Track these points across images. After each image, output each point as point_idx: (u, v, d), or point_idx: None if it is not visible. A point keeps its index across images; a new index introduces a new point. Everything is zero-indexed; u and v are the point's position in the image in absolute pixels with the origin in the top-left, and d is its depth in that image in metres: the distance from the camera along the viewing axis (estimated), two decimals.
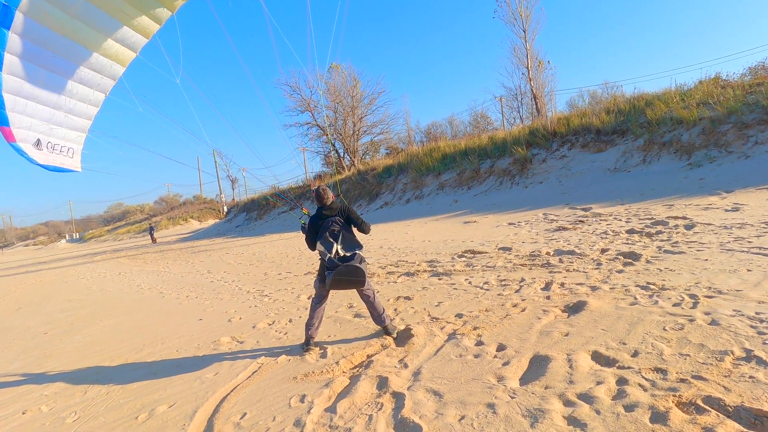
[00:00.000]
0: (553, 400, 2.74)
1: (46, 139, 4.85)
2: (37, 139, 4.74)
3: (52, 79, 4.72)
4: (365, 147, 36.88)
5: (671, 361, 2.98)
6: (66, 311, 9.26)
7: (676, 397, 2.53)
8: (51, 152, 4.93)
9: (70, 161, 5.17)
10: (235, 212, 41.70)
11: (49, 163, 4.87)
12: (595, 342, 3.50)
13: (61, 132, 5.05)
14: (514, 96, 34.12)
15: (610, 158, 15.35)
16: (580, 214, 10.72)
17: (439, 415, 2.78)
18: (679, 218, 7.97)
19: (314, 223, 4.40)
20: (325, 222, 4.32)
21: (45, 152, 4.84)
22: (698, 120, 13.66)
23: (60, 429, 3.56)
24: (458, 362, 3.57)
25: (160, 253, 23.21)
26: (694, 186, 10.69)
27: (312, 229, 4.42)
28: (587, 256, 6.55)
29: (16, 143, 4.49)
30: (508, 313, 4.58)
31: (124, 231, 61.95)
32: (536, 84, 23.96)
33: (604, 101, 21.11)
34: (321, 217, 4.38)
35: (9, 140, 4.44)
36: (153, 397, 3.88)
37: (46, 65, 4.58)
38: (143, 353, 5.31)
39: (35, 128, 4.70)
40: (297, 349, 4.53)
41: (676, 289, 4.43)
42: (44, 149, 4.83)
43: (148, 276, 13.49)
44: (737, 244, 5.71)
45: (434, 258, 8.45)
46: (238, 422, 3.15)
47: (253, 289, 8.49)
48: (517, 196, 15.87)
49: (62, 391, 4.42)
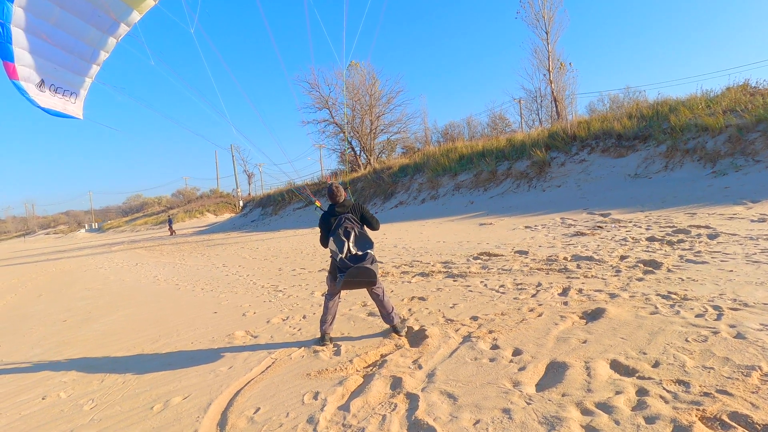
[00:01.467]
0: (570, 407, 2.69)
1: (50, 80, 4.55)
2: (41, 80, 4.46)
3: (64, 18, 4.40)
4: (381, 146, 36.89)
5: (694, 373, 2.90)
6: (84, 300, 9.45)
7: (700, 411, 2.46)
8: (53, 95, 4.64)
9: (72, 107, 4.88)
10: (251, 207, 42.11)
11: (50, 106, 4.58)
12: (614, 350, 3.42)
13: (68, 75, 4.77)
14: (533, 98, 33.76)
15: (631, 164, 15.08)
16: (599, 219, 10.54)
17: (454, 419, 2.75)
18: (702, 227, 7.78)
19: (326, 221, 4.39)
20: (338, 219, 4.30)
21: (47, 94, 4.55)
22: (724, 127, 13.33)
23: (78, 415, 3.62)
24: (473, 365, 3.53)
25: (176, 245, 23.55)
26: (718, 195, 10.43)
27: (324, 227, 4.41)
28: (606, 262, 6.43)
29: (18, 81, 4.24)
30: (524, 317, 4.52)
31: (141, 222, 63.08)
32: (557, 86, 23.65)
33: (626, 106, 20.76)
34: (333, 214, 4.37)
35: (12, 77, 4.19)
36: (168, 388, 3.93)
37: (59, 2, 4.27)
38: (159, 344, 5.38)
39: (41, 68, 4.40)
40: (311, 345, 4.54)
41: (699, 299, 4.32)
42: (47, 91, 4.54)
43: (164, 268, 13.69)
44: (764, 256, 5.54)
45: (449, 259, 8.40)
46: (252, 417, 3.16)
47: (267, 284, 8.54)
48: (535, 199, 15.69)
49: (80, 378, 4.51)
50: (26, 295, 11.40)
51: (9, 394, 4.33)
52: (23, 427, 3.55)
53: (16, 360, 5.54)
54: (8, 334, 7.18)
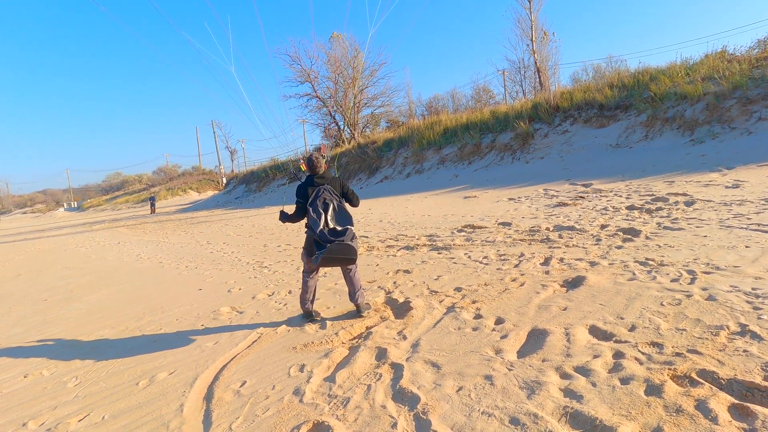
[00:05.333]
0: (550, 372, 2.77)
1: None
2: None
3: None
4: (366, 120, 36.46)
5: (667, 335, 3.01)
6: (65, 279, 9.31)
7: (671, 370, 2.56)
8: None
9: None
10: (235, 184, 41.58)
11: None
12: (593, 316, 3.52)
13: None
14: (517, 69, 33.54)
15: (612, 134, 15.20)
16: (581, 189, 10.68)
17: (437, 386, 2.82)
18: (680, 195, 7.94)
19: (304, 191, 4.20)
20: (316, 190, 4.12)
21: None
22: (702, 95, 13.47)
23: (61, 393, 3.61)
24: (457, 335, 3.61)
25: (158, 223, 23.22)
26: (695, 162, 10.62)
27: (301, 197, 4.22)
28: (587, 231, 6.55)
29: None
30: (507, 287, 4.61)
31: (122, 201, 61.91)
32: (540, 57, 23.46)
33: (608, 76, 20.75)
34: (312, 185, 4.18)
35: None
36: (153, 364, 3.93)
37: None
38: (143, 321, 5.35)
39: None
40: (297, 320, 4.57)
41: (675, 265, 4.44)
42: None
43: (147, 246, 13.52)
44: (736, 221, 5.70)
45: (434, 232, 8.46)
46: (238, 390, 3.19)
47: (252, 260, 8.52)
48: (518, 171, 15.78)
49: (63, 356, 4.47)
50: (3, 275, 11.18)
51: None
52: (5, 404, 3.53)
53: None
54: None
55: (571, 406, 2.38)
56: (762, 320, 3.01)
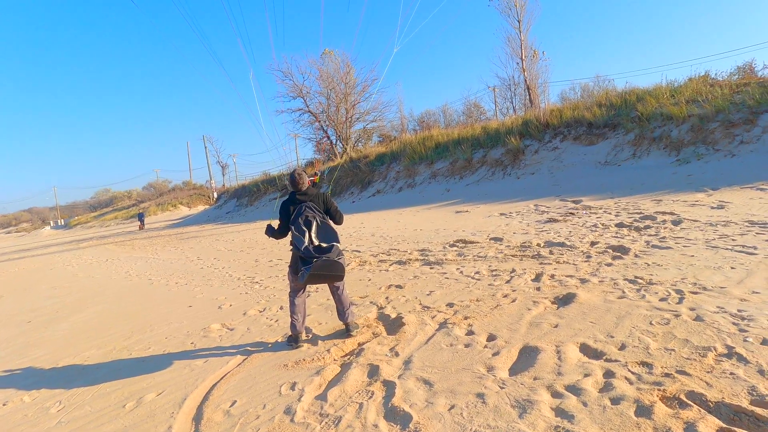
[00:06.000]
0: (541, 391, 2.78)
1: None
2: None
3: None
4: (358, 134, 36.68)
5: (657, 355, 3.03)
6: (51, 299, 9.16)
7: (661, 391, 2.58)
8: None
9: None
10: (226, 198, 41.42)
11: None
12: (584, 334, 3.54)
13: None
14: (507, 86, 33.99)
15: (601, 151, 15.44)
16: (571, 206, 10.79)
17: (430, 404, 2.81)
18: (667, 213, 8.06)
19: (286, 208, 4.15)
20: (298, 207, 4.06)
21: None
22: (687, 117, 13.79)
23: (43, 419, 3.50)
24: (449, 351, 3.61)
25: (148, 239, 23.00)
26: (682, 182, 10.80)
27: (284, 215, 4.17)
28: (577, 248, 6.61)
29: None
30: (498, 303, 4.62)
31: (111, 217, 61.07)
32: (530, 75, 23.89)
33: (596, 94, 21.18)
34: (294, 202, 4.13)
35: None
36: (141, 384, 3.87)
37: None
38: (132, 340, 5.28)
39: None
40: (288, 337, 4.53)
41: (663, 284, 4.50)
42: None
43: (136, 262, 13.37)
44: (722, 242, 5.79)
45: (426, 247, 8.48)
46: (228, 410, 3.15)
47: (243, 275, 8.46)
48: (509, 186, 15.92)
49: (46, 380, 4.36)
50: None
51: None
52: None
53: None
54: None
55: (562, 426, 2.39)
56: (748, 343, 3.05)
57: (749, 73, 16.27)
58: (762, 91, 12.99)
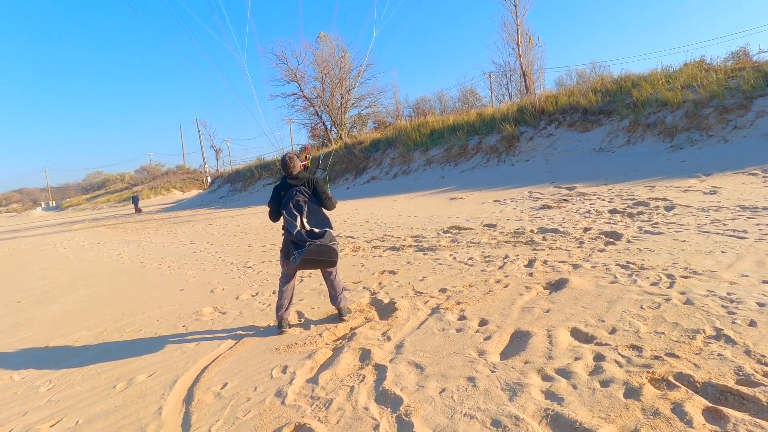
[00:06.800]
0: (532, 374, 2.79)
1: None
2: None
3: None
4: (353, 120, 36.41)
5: (647, 338, 3.05)
6: (42, 280, 9.10)
7: (650, 373, 2.60)
8: None
9: None
10: (219, 183, 41.15)
11: None
12: (575, 319, 3.56)
13: None
14: (503, 72, 33.81)
15: (596, 138, 15.43)
16: (565, 193, 10.81)
17: (420, 388, 2.82)
18: (660, 199, 8.09)
19: (277, 193, 4.10)
20: (288, 192, 4.01)
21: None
22: (682, 102, 13.78)
23: (33, 397, 3.50)
24: (441, 336, 3.61)
25: (141, 222, 22.85)
26: (675, 168, 10.84)
27: (274, 200, 4.11)
28: (570, 234, 6.62)
29: None
30: (491, 288, 4.63)
31: (103, 200, 60.63)
32: (526, 61, 23.74)
33: (592, 81, 21.09)
34: (286, 187, 4.06)
35: None
36: (132, 366, 3.86)
37: None
38: (123, 322, 5.25)
39: None
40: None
41: (655, 268, 4.52)
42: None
43: (128, 246, 13.29)
44: (713, 227, 5.83)
45: (420, 233, 8.47)
46: (219, 392, 3.15)
47: (236, 260, 8.43)
48: (504, 173, 15.91)
49: (35, 360, 4.35)
50: None
51: None
52: None
53: None
54: None
55: (552, 409, 2.40)
56: (736, 325, 3.08)
57: (744, 58, 16.24)
58: (756, 75, 12.98)
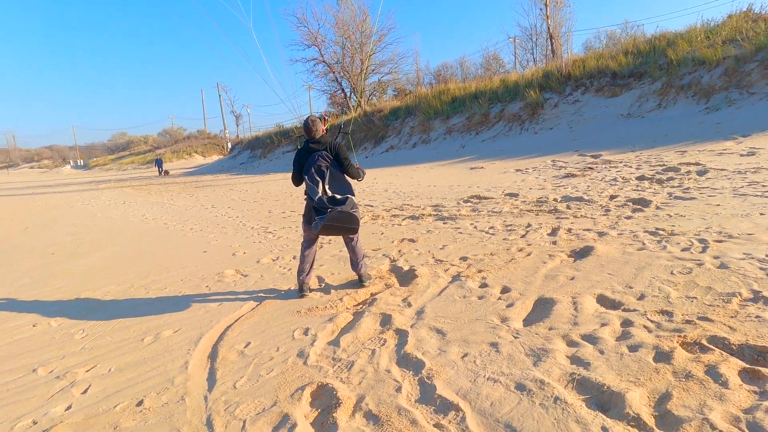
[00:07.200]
0: (556, 340, 2.74)
1: None
2: None
3: None
4: (372, 87, 35.74)
5: (677, 303, 2.96)
6: (71, 235, 9.40)
7: (681, 337, 2.52)
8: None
9: None
10: (239, 149, 41.35)
11: None
12: (601, 286, 3.47)
13: None
14: (529, 36, 32.52)
15: (624, 103, 14.84)
16: (590, 161, 10.50)
17: (442, 352, 2.80)
18: (692, 164, 7.78)
19: (299, 157, 3.99)
20: (311, 157, 3.90)
21: None
22: (722, 59, 12.89)
23: (69, 343, 3.68)
24: (462, 303, 3.58)
25: (164, 185, 23.23)
26: (709, 131, 10.36)
27: (297, 164, 4.01)
28: (595, 202, 6.44)
29: None
30: (513, 257, 4.55)
31: (128, 161, 61.85)
32: (553, 22, 22.69)
33: (623, 42, 20.06)
34: (308, 151, 3.94)
35: None
36: (158, 321, 3.96)
37: None
38: (148, 280, 5.38)
39: None
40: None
41: (686, 234, 4.36)
42: None
43: (152, 207, 13.54)
44: (751, 189, 5.59)
45: (439, 202, 8.37)
46: (242, 350, 3.20)
47: (257, 225, 8.50)
48: (526, 142, 15.52)
49: (70, 308, 4.57)
50: (12, 227, 11.30)
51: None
52: (15, 350, 3.63)
53: (3, 288, 5.57)
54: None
55: (578, 373, 2.35)
56: None
57: None
58: None
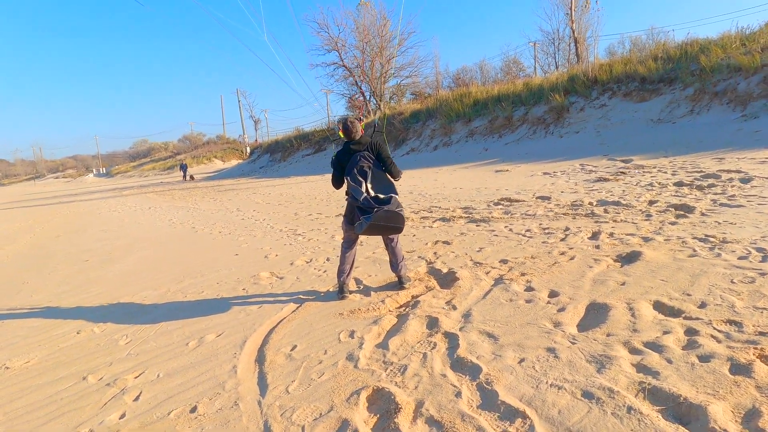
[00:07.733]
0: (617, 347, 2.63)
1: None
2: None
3: None
4: (391, 91, 35.82)
5: (745, 314, 2.82)
6: (102, 241, 9.53)
7: (758, 349, 2.39)
8: None
9: None
10: (259, 153, 41.75)
11: None
12: (656, 292, 3.35)
13: None
14: (551, 40, 32.28)
15: (654, 108, 14.52)
16: (621, 165, 10.28)
17: (498, 357, 2.72)
18: (733, 171, 7.53)
19: (341, 159, 3.95)
20: (353, 158, 3.87)
21: None
22: (760, 67, 12.59)
23: (114, 350, 3.66)
24: (509, 306, 3.49)
25: (186, 190, 23.56)
26: (747, 139, 10.05)
27: (337, 166, 3.97)
28: (634, 207, 6.27)
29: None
30: (556, 260, 4.44)
31: (149, 167, 63.08)
32: (578, 26, 22.39)
33: (649, 48, 19.69)
34: (349, 152, 3.91)
35: None
36: (200, 325, 3.94)
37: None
38: (184, 284, 5.40)
39: None
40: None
41: (740, 242, 4.19)
42: None
43: (178, 211, 13.71)
44: None
45: (469, 205, 8.27)
46: (290, 353, 3.16)
47: (285, 227, 8.51)
48: (552, 145, 15.30)
49: (110, 315, 4.55)
50: (44, 235, 11.53)
51: (43, 327, 4.39)
52: (64, 358, 3.60)
53: (44, 296, 5.62)
54: (33, 271, 7.28)
55: (647, 382, 2.25)
56: None
57: None
58: None
